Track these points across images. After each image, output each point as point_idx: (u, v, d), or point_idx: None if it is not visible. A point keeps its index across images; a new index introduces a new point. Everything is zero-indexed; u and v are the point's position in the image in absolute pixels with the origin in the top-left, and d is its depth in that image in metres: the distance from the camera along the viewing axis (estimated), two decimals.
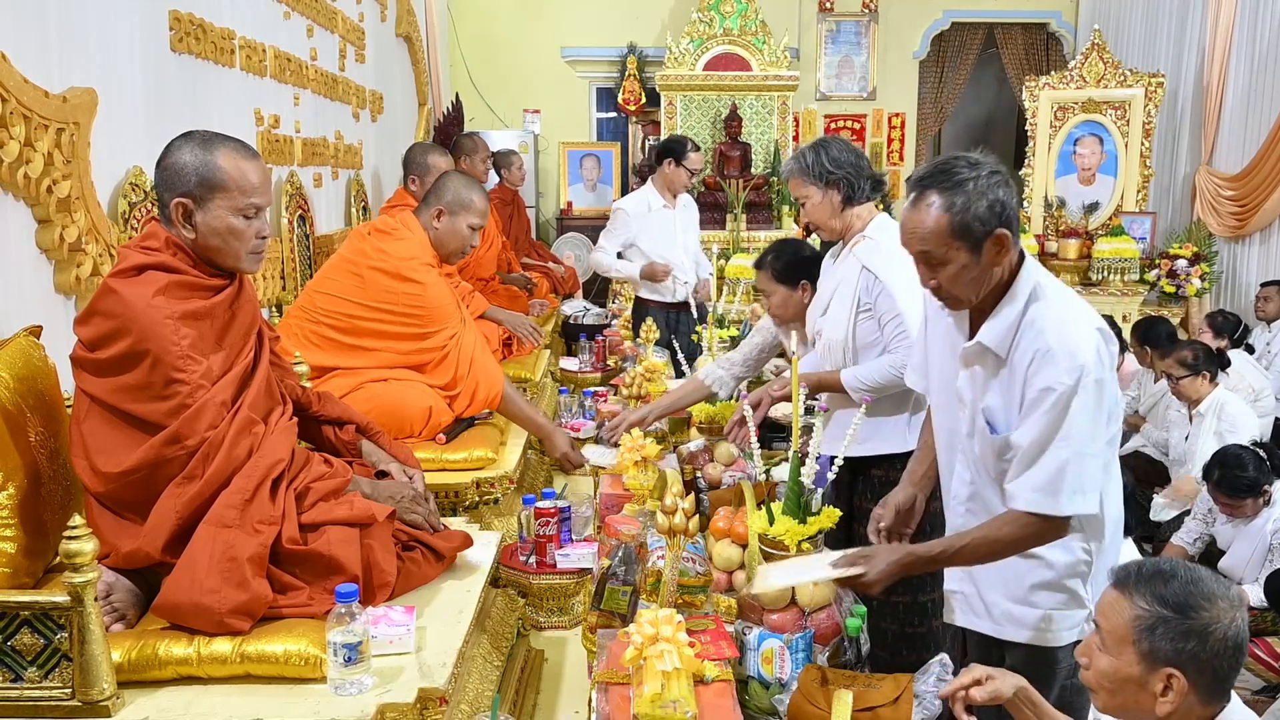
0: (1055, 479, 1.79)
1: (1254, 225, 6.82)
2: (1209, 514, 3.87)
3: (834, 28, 9.38)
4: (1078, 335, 1.81)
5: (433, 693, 1.91)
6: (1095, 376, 1.79)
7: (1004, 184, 1.83)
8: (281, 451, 2.08)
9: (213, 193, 2.07)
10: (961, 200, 1.80)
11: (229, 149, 2.11)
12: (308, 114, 4.54)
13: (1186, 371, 4.28)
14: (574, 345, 5.64)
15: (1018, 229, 1.88)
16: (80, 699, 1.76)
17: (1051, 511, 1.80)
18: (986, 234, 1.81)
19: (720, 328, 4.82)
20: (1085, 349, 1.80)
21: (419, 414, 3.16)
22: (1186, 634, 1.44)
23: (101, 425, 1.98)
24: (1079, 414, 1.78)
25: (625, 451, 2.80)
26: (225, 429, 2.00)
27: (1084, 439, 1.79)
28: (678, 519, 1.93)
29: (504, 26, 9.08)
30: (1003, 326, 1.88)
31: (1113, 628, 1.50)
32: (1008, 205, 1.82)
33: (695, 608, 2.13)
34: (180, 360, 1.96)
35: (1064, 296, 1.90)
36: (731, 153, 7.91)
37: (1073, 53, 9.06)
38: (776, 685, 1.95)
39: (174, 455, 1.95)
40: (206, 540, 1.92)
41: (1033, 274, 1.89)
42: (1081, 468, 1.79)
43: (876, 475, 2.86)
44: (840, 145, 2.79)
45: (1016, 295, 1.87)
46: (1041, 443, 1.81)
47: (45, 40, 2.46)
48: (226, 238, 2.10)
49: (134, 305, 1.95)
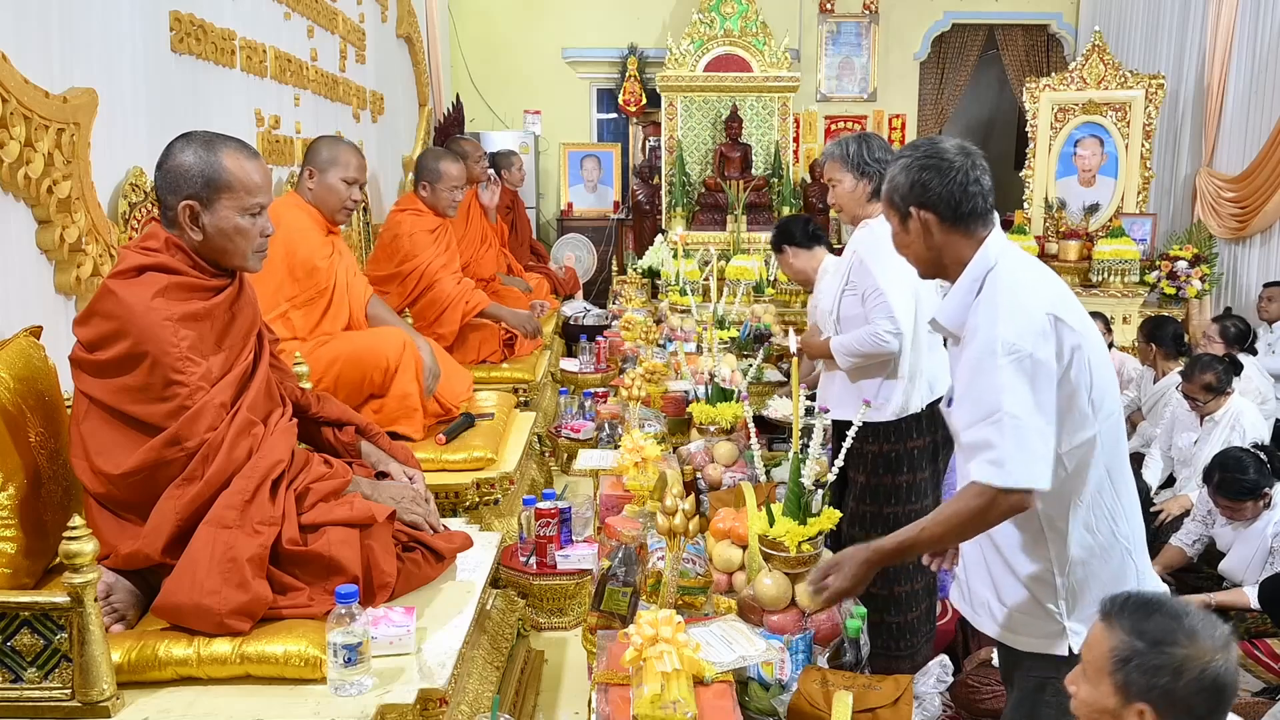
0: (996, 448, 1.76)
1: (1255, 227, 6.82)
2: (1209, 516, 3.87)
3: (834, 29, 9.38)
4: (1010, 313, 1.80)
5: (433, 693, 1.91)
6: (1026, 352, 1.77)
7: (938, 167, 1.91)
8: (281, 452, 2.08)
9: (219, 194, 2.08)
10: (891, 171, 1.98)
11: (231, 149, 2.11)
12: (308, 115, 4.54)
13: (1211, 395, 4.28)
14: (574, 346, 5.65)
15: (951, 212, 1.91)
16: (80, 699, 1.76)
17: (997, 482, 1.75)
18: (905, 208, 1.95)
19: (720, 328, 4.82)
20: (1013, 326, 1.79)
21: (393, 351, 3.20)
22: (1159, 669, 1.40)
23: (101, 426, 1.98)
24: (1008, 387, 1.76)
25: (625, 452, 2.80)
26: (225, 430, 2.00)
27: (1022, 411, 1.75)
28: (678, 520, 1.93)
29: (505, 27, 9.08)
30: (954, 304, 1.93)
31: (1093, 658, 1.49)
32: (929, 186, 1.91)
33: (695, 609, 2.13)
34: (179, 362, 1.97)
35: (1018, 279, 1.88)
36: (732, 154, 7.91)
37: (1073, 54, 9.06)
38: (777, 686, 1.95)
39: (174, 457, 1.95)
40: (207, 541, 1.92)
41: (991, 256, 1.91)
42: (1022, 439, 1.75)
43: (870, 449, 2.99)
44: (881, 144, 3.07)
45: (968, 274, 1.92)
46: (975, 415, 1.81)
47: (46, 41, 2.46)
48: (234, 237, 2.11)
49: (133, 307, 1.95)
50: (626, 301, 6.17)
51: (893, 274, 2.85)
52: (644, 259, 7.49)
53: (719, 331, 4.31)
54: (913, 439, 3.00)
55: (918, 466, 3.01)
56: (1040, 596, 1.89)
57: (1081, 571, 1.88)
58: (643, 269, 7.33)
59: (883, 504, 3.01)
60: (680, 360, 3.91)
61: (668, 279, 6.72)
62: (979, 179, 1.92)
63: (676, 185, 7.79)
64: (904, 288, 2.90)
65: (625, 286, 6.62)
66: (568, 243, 8.17)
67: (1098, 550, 1.89)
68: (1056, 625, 1.88)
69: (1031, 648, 1.92)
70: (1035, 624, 1.91)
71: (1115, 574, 1.90)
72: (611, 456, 3.17)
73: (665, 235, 7.64)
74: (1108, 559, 1.90)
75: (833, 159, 3.07)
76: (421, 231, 4.32)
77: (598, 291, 8.17)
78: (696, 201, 7.91)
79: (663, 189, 8.10)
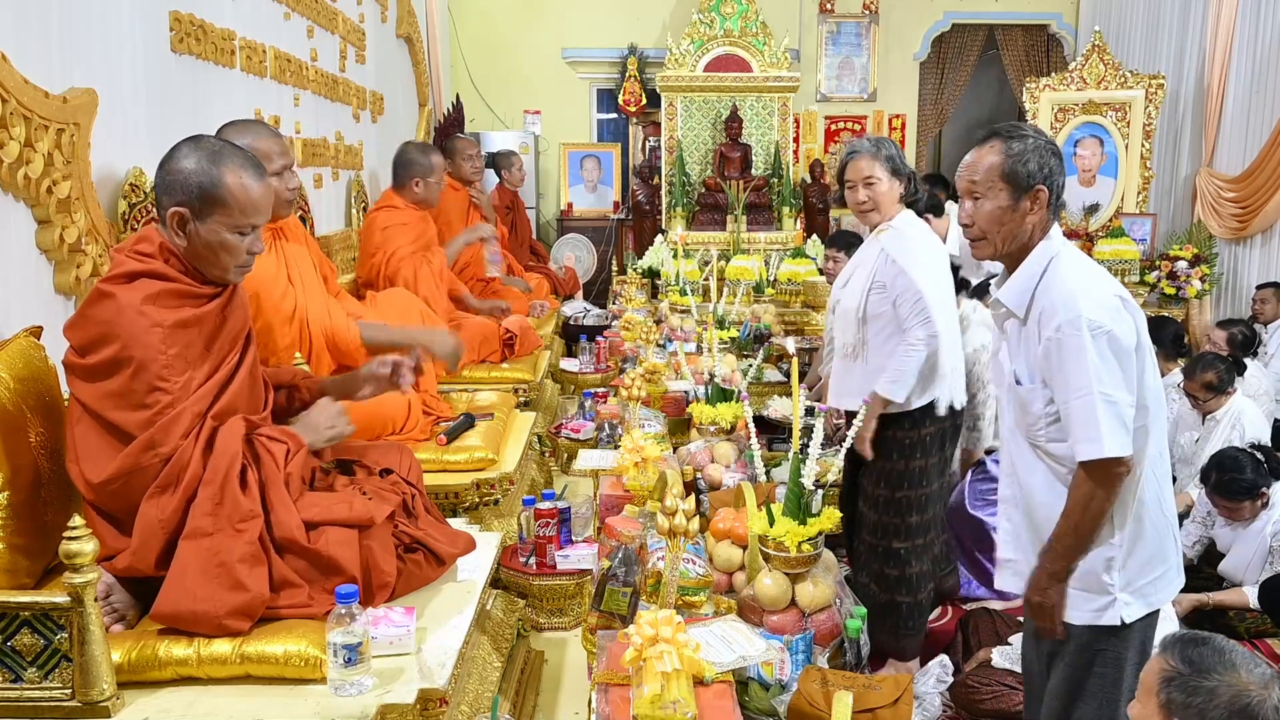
0: (1088, 424, 1.90)
1: (1255, 227, 6.82)
2: (1208, 517, 3.87)
3: (834, 29, 9.39)
4: (1083, 293, 1.93)
5: (433, 693, 1.91)
6: (1103, 329, 1.90)
7: (1056, 155, 2.04)
8: (234, 444, 2.01)
9: (213, 208, 2.05)
10: (1019, 148, 2.02)
11: (235, 165, 2.07)
12: (308, 115, 4.54)
13: (1212, 394, 4.29)
14: (574, 346, 5.65)
15: (1057, 199, 2.05)
16: (80, 699, 1.76)
17: (1098, 454, 1.89)
18: (1030, 185, 2.01)
19: (720, 328, 4.82)
20: (1088, 303, 1.92)
21: (398, 410, 3.15)
22: (1196, 690, 1.56)
23: (90, 432, 1.97)
24: (1088, 361, 1.89)
25: (625, 452, 2.80)
26: (195, 439, 1.97)
27: (1102, 384, 1.89)
28: (678, 520, 1.93)
29: (505, 27, 9.08)
30: (1019, 286, 2.03)
31: (1147, 679, 1.64)
32: (1055, 171, 2.02)
33: (695, 609, 2.13)
34: (164, 370, 1.95)
35: (1084, 264, 2.03)
36: (732, 154, 7.91)
37: (1073, 54, 9.06)
38: (777, 686, 1.95)
39: (149, 463, 1.93)
40: (190, 555, 1.90)
41: (1056, 244, 2.04)
42: (1110, 409, 1.89)
43: (884, 435, 3.06)
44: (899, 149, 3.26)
45: (1035, 258, 2.03)
46: (1065, 395, 1.94)
47: (46, 41, 2.46)
48: (218, 251, 2.08)
49: (124, 312, 1.94)
50: (626, 301, 6.17)
51: (930, 276, 2.99)
52: (644, 259, 7.50)
53: (719, 331, 4.31)
54: (925, 426, 3.10)
55: (929, 452, 3.12)
56: (1096, 569, 2.00)
57: (1136, 545, 2.02)
58: (643, 269, 7.33)
59: (895, 488, 3.11)
60: (680, 360, 3.91)
61: (668, 279, 6.73)
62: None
63: (676, 185, 7.79)
64: (941, 288, 3.04)
65: (625, 287, 6.62)
66: (568, 243, 8.17)
67: (1151, 526, 2.03)
68: (1109, 596, 2.00)
69: (1083, 620, 2.02)
70: (1088, 597, 2.01)
71: (1162, 551, 2.06)
72: (611, 456, 3.16)
73: (665, 235, 7.64)
74: (1159, 536, 2.05)
75: (871, 157, 3.12)
76: (395, 225, 4.37)
77: (598, 291, 8.17)
78: (696, 201, 7.91)
79: (663, 189, 8.10)
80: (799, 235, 7.74)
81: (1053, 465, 2.03)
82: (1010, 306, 2.05)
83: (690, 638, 1.73)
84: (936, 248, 3.15)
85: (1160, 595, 2.06)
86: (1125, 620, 2.00)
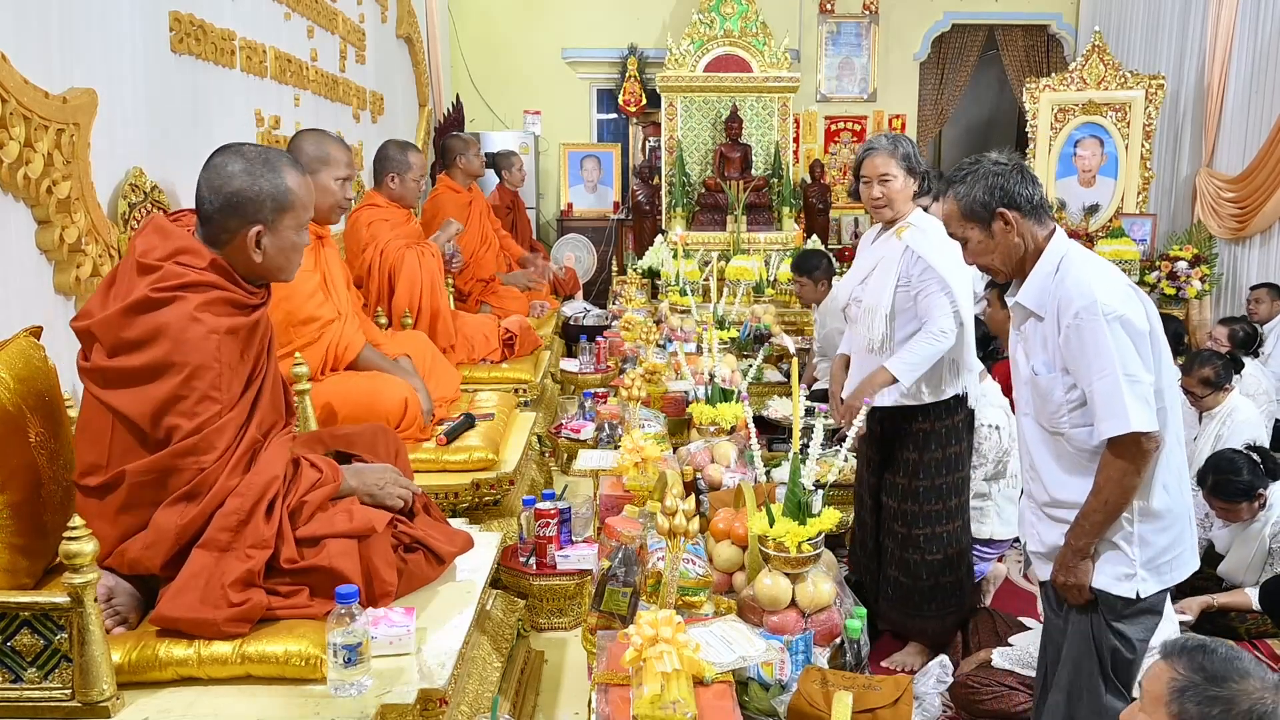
0: (1113, 402, 2.00)
1: (1254, 227, 6.82)
2: (1206, 519, 3.87)
3: (834, 29, 9.39)
4: (1095, 282, 2.06)
5: (433, 694, 1.91)
6: (1116, 314, 2.01)
7: (1006, 173, 2.16)
8: (276, 468, 2.03)
9: (283, 215, 2.08)
10: (964, 190, 2.19)
11: (288, 165, 2.10)
12: (308, 115, 4.54)
13: (1209, 390, 4.30)
14: (574, 346, 5.65)
15: (1029, 206, 2.16)
16: (80, 700, 1.75)
17: (1123, 430, 1.99)
18: (991, 213, 2.16)
19: (720, 328, 4.82)
20: (1101, 291, 2.04)
21: (394, 407, 3.15)
22: (1213, 700, 1.55)
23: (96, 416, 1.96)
24: (1106, 344, 2.01)
25: (625, 452, 2.80)
26: (232, 452, 1.97)
27: (1123, 364, 2.00)
28: (678, 520, 1.93)
29: (505, 27, 9.08)
30: (1036, 286, 2.16)
31: (1152, 689, 1.63)
32: (1010, 187, 2.15)
33: (695, 609, 2.13)
34: (217, 379, 1.94)
35: (1093, 261, 2.16)
36: (732, 154, 7.91)
37: (1073, 54, 9.07)
38: (776, 687, 1.95)
39: (186, 467, 1.92)
40: (201, 565, 1.90)
41: (1063, 245, 2.17)
42: (1133, 388, 1.99)
43: (921, 428, 3.15)
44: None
45: (1047, 259, 2.16)
46: (1088, 378, 2.04)
47: (46, 41, 2.46)
48: (290, 255, 2.12)
49: (178, 317, 1.93)
50: (626, 302, 6.17)
51: (956, 271, 3.04)
52: (644, 259, 7.50)
53: (719, 332, 4.31)
54: (958, 414, 3.18)
55: (962, 437, 3.22)
56: (1115, 538, 2.11)
57: (1155, 523, 2.11)
58: (643, 269, 7.33)
59: (934, 476, 3.17)
60: (680, 360, 3.91)
61: (668, 279, 6.73)
62: (1032, 176, 2.20)
63: (676, 185, 7.79)
64: (965, 283, 3.10)
65: (625, 287, 6.62)
66: (568, 243, 8.17)
67: (1170, 508, 2.12)
68: (1129, 567, 2.10)
69: (1101, 585, 2.12)
70: (1108, 564, 2.12)
71: (1180, 536, 2.15)
72: (611, 456, 3.16)
73: (665, 235, 7.64)
74: (1176, 521, 2.13)
75: (888, 154, 3.15)
76: (378, 220, 4.25)
77: (598, 292, 8.17)
78: (696, 202, 7.91)
79: (663, 189, 8.09)
80: (799, 235, 7.75)
81: (1074, 452, 2.13)
82: (1032, 308, 2.17)
83: (690, 638, 1.73)
84: (955, 245, 3.18)
85: (1176, 574, 2.15)
86: (1140, 595, 2.10)
